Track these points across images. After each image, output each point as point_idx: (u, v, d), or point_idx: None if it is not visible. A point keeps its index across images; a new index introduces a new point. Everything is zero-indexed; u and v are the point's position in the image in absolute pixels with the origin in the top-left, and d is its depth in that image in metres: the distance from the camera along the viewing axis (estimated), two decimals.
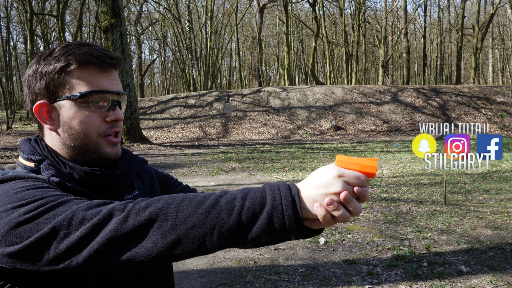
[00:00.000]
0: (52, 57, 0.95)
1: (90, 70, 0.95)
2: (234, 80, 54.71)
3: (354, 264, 4.17)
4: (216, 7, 37.82)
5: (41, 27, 30.72)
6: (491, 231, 5.07)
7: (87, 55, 0.94)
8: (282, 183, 0.79)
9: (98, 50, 0.96)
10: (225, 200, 0.76)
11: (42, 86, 0.95)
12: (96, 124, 0.96)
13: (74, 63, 0.94)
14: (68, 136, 0.96)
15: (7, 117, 26.32)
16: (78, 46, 0.96)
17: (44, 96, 0.96)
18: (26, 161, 0.97)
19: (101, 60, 0.95)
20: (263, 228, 0.75)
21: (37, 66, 0.96)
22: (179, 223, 0.74)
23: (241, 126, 19.19)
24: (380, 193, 7.24)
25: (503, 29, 43.84)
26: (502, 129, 18.05)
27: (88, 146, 0.97)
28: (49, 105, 0.96)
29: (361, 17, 31.22)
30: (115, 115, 0.98)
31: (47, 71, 0.95)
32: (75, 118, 0.95)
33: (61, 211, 0.78)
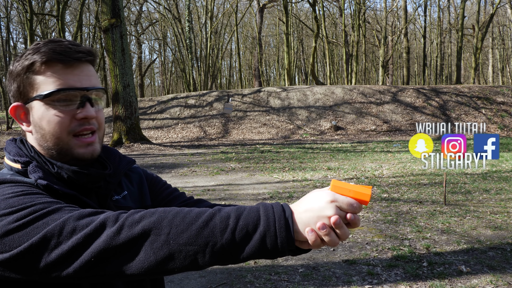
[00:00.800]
0: (24, 57, 0.94)
1: (54, 67, 0.92)
2: (234, 80, 54.72)
3: (354, 264, 4.17)
4: (216, 7, 37.83)
5: (41, 27, 30.72)
6: (491, 231, 5.07)
7: (50, 52, 0.91)
8: (276, 204, 0.79)
9: (63, 46, 0.93)
10: (219, 218, 0.76)
11: (15, 88, 0.94)
12: (65, 123, 0.93)
13: (38, 61, 0.91)
14: (40, 136, 0.94)
15: (7, 117, 26.32)
16: (45, 44, 0.93)
17: (18, 98, 0.95)
18: (13, 163, 0.94)
19: (65, 56, 0.92)
20: (256, 249, 0.75)
21: (11, 67, 0.95)
22: (172, 239, 0.74)
23: (241, 126, 19.19)
24: (380, 193, 7.24)
25: (503, 29, 43.84)
26: (502, 129, 18.05)
27: (60, 146, 0.94)
28: (23, 107, 0.95)
29: (361, 17, 31.22)
30: (84, 112, 0.94)
31: (18, 72, 0.93)
32: (43, 118, 0.92)
33: (52, 220, 0.76)
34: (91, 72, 0.97)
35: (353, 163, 10.71)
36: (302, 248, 0.87)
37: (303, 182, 8.34)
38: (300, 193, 7.40)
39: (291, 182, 8.43)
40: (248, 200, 7.00)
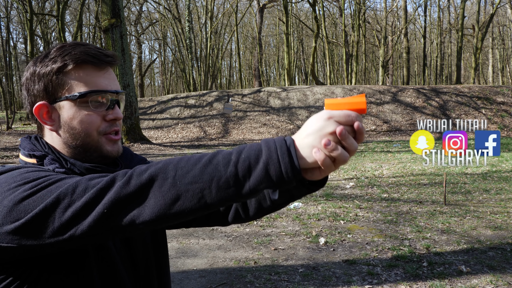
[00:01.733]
0: (48, 59, 0.96)
1: (87, 69, 0.96)
2: (234, 80, 54.72)
3: (354, 264, 4.17)
4: (216, 7, 37.83)
5: (41, 27, 30.72)
6: (491, 231, 5.07)
7: (83, 54, 0.95)
8: (278, 136, 0.80)
9: (93, 49, 0.97)
10: (222, 155, 0.77)
11: (41, 88, 0.96)
12: (96, 123, 0.97)
13: (70, 63, 0.94)
14: (69, 136, 0.97)
15: (7, 117, 26.32)
16: (73, 46, 0.97)
17: (43, 97, 0.97)
18: (28, 158, 0.97)
19: (97, 59, 0.96)
20: (260, 178, 0.74)
21: (34, 68, 0.97)
22: (178, 180, 0.76)
23: (241, 126, 19.19)
24: (380, 193, 7.24)
25: (503, 29, 43.84)
26: (502, 129, 18.04)
27: (90, 145, 0.98)
28: (49, 106, 0.97)
29: (361, 17, 31.21)
30: (114, 114, 0.99)
31: (44, 73, 0.95)
32: (75, 118, 0.96)
33: (64, 183, 0.79)
34: (115, 75, 1.03)
35: (353, 163, 10.71)
36: (315, 181, 0.87)
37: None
38: None
39: None
40: None
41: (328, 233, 5.16)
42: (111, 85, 0.99)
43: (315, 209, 6.31)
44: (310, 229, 5.33)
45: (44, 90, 0.96)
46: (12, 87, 35.01)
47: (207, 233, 5.27)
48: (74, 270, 0.89)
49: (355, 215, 5.93)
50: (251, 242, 4.90)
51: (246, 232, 5.29)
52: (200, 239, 5.06)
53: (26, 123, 32.09)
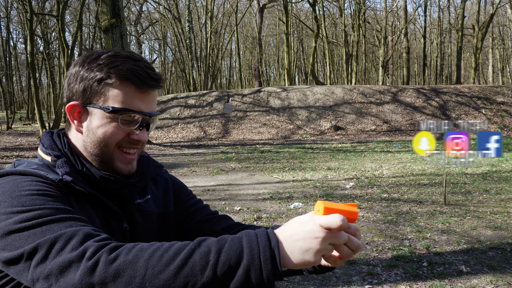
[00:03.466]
0: (96, 64, 0.96)
1: (128, 87, 0.96)
2: (234, 80, 54.71)
3: (354, 264, 4.17)
4: (216, 7, 37.82)
5: (41, 27, 30.71)
6: (491, 231, 5.07)
7: (129, 72, 0.95)
8: (261, 232, 0.75)
9: (141, 68, 0.96)
10: (199, 254, 0.72)
11: (80, 89, 0.97)
12: (118, 138, 0.97)
13: (114, 77, 0.95)
14: (90, 141, 0.98)
15: (7, 117, 26.31)
16: (123, 60, 0.96)
17: (79, 98, 0.98)
18: (45, 155, 0.99)
19: (141, 80, 0.96)
20: (240, 284, 0.71)
21: (80, 68, 0.98)
22: (148, 281, 0.70)
23: (241, 126, 19.19)
24: (380, 193, 7.24)
25: (503, 29, 43.84)
26: (502, 129, 18.05)
27: (105, 155, 0.98)
28: (82, 108, 0.98)
29: (361, 17, 31.21)
30: (140, 136, 0.99)
31: (87, 77, 0.96)
32: (101, 127, 0.96)
33: (49, 231, 0.78)
34: (155, 97, 1.02)
35: (353, 163, 10.71)
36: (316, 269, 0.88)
37: (303, 182, 8.34)
38: (300, 193, 7.40)
39: (291, 182, 8.43)
40: (248, 200, 7.00)
41: None
42: (147, 107, 0.98)
43: None
44: None
45: (82, 92, 0.97)
46: (12, 87, 35.02)
47: None
48: None
49: None
50: None
51: None
52: None
53: (26, 123, 32.08)
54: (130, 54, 0.98)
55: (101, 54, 0.98)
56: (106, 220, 0.99)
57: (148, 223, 1.07)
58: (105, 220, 0.98)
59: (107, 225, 0.99)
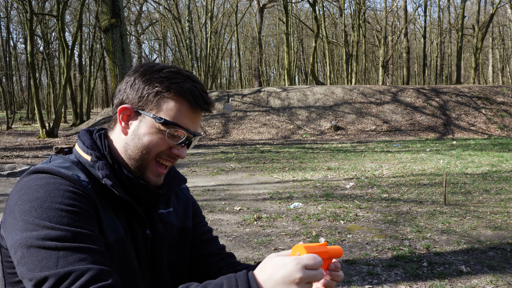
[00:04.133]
0: (158, 76, 1.00)
1: (182, 104, 1.00)
2: (234, 80, 54.72)
3: (354, 264, 4.17)
4: (216, 7, 37.82)
5: (41, 27, 30.71)
6: (491, 231, 5.07)
7: (187, 91, 0.99)
8: (241, 276, 0.79)
9: (198, 90, 1.01)
10: None
11: (136, 96, 1.01)
12: (160, 149, 1.01)
13: (173, 92, 0.99)
14: (133, 145, 1.01)
15: (7, 117, 26.31)
16: (184, 79, 1.01)
17: (133, 103, 1.01)
18: (84, 153, 1.01)
19: (197, 102, 1.00)
20: None
21: (142, 76, 1.01)
22: None
23: (241, 126, 19.19)
24: (380, 193, 7.24)
25: (503, 29, 43.84)
26: (502, 129, 18.05)
27: (142, 162, 1.02)
28: (134, 112, 1.02)
29: (361, 17, 31.21)
30: (180, 152, 1.03)
31: (146, 87, 1.00)
32: (148, 135, 1.00)
33: (64, 263, 0.84)
34: (201, 119, 1.07)
35: (353, 163, 10.71)
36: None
37: (303, 182, 8.34)
38: (300, 193, 7.40)
39: (291, 182, 8.43)
40: (248, 200, 7.00)
41: (328, 233, 5.16)
42: (193, 127, 1.03)
43: (315, 209, 6.31)
44: (310, 229, 5.33)
45: (138, 98, 1.01)
46: (12, 87, 35.01)
47: None
48: None
49: (355, 215, 5.93)
50: (251, 242, 4.90)
51: (246, 232, 5.29)
52: None
53: (26, 123, 32.08)
54: (190, 74, 1.03)
55: (164, 68, 1.02)
56: (130, 224, 1.03)
57: (169, 234, 1.12)
58: (129, 224, 1.02)
59: (131, 229, 1.03)
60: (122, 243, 0.97)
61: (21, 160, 12.28)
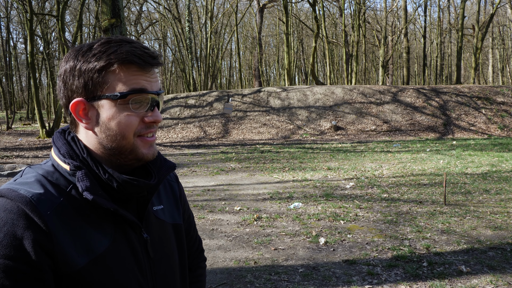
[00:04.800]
0: (91, 54, 0.91)
1: (130, 69, 0.92)
2: (234, 80, 54.71)
3: (354, 264, 4.17)
4: (216, 7, 37.82)
5: (41, 27, 30.71)
6: (491, 231, 5.07)
7: (129, 55, 0.91)
8: None
9: (139, 49, 0.93)
10: None
11: (81, 84, 0.92)
12: (134, 125, 0.93)
13: (115, 62, 0.90)
14: (105, 136, 0.93)
15: (7, 117, 26.31)
16: (119, 44, 0.92)
17: (82, 94, 0.92)
18: (62, 163, 0.93)
19: (143, 60, 0.92)
20: None
21: (75, 62, 0.92)
22: None
23: (241, 126, 19.19)
24: (380, 193, 7.24)
25: (503, 29, 43.83)
26: (502, 129, 18.04)
27: (125, 148, 0.94)
28: (86, 103, 0.92)
29: (361, 17, 31.21)
30: (154, 116, 0.95)
31: (86, 69, 0.91)
32: (114, 118, 0.92)
33: None
34: (157, 75, 0.98)
35: (353, 163, 10.71)
36: None
37: (303, 182, 8.34)
38: (300, 193, 7.40)
39: (291, 182, 8.43)
40: (248, 200, 7.00)
41: (328, 233, 5.15)
42: (152, 86, 0.94)
43: (315, 209, 6.31)
44: (310, 229, 5.33)
45: (84, 87, 0.91)
46: (12, 87, 35.01)
47: (207, 233, 5.27)
48: None
49: (355, 215, 5.93)
50: (251, 242, 4.90)
51: (246, 232, 5.29)
52: None
53: (26, 123, 32.08)
54: (122, 37, 0.94)
55: (93, 44, 0.93)
56: (124, 230, 0.95)
57: (165, 233, 1.06)
58: (123, 231, 0.94)
59: (126, 235, 0.95)
60: (104, 258, 0.89)
61: (21, 160, 12.28)
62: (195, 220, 5.88)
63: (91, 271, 0.87)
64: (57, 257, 0.84)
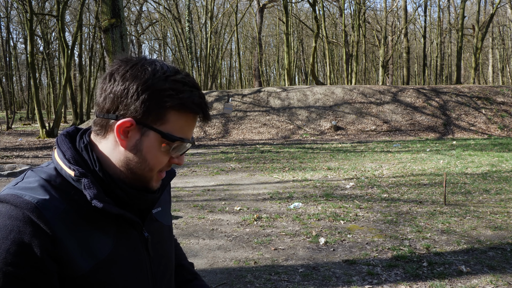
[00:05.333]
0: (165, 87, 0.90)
1: (189, 117, 0.93)
2: (234, 80, 54.72)
3: (354, 264, 4.17)
4: (216, 7, 37.82)
5: (41, 27, 30.71)
6: (491, 231, 5.07)
7: (198, 107, 0.92)
8: None
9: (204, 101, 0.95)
10: None
11: (140, 109, 0.90)
12: (163, 164, 0.95)
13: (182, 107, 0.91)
14: (136, 161, 0.92)
15: (7, 117, 26.31)
16: (191, 90, 0.92)
17: (135, 116, 0.90)
18: (67, 167, 0.91)
19: (205, 116, 0.95)
20: None
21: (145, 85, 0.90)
22: None
23: (241, 126, 19.19)
24: (380, 193, 7.24)
25: (503, 29, 43.84)
26: (502, 129, 18.04)
27: (144, 177, 0.95)
28: (135, 125, 0.91)
29: (361, 17, 31.21)
30: (180, 160, 0.97)
31: (154, 101, 0.90)
32: (152, 150, 0.92)
33: None
34: None
35: (353, 163, 10.71)
36: None
37: (303, 182, 8.34)
38: (300, 193, 7.40)
39: (291, 182, 8.43)
40: (248, 200, 7.00)
41: (328, 233, 5.16)
42: (192, 135, 0.97)
43: (315, 209, 6.31)
44: (310, 229, 5.33)
45: (143, 112, 0.90)
46: (12, 87, 35.02)
47: (207, 233, 5.27)
48: None
49: (355, 215, 5.93)
50: (251, 242, 4.90)
51: (246, 232, 5.29)
52: (200, 239, 5.06)
53: (26, 123, 32.08)
54: (194, 82, 0.94)
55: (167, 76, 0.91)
56: (126, 230, 0.95)
57: (162, 234, 1.08)
58: (125, 231, 0.95)
59: (127, 235, 0.95)
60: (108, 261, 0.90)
61: (21, 160, 12.28)
62: (196, 221, 5.89)
63: (95, 275, 0.88)
64: (63, 263, 0.84)
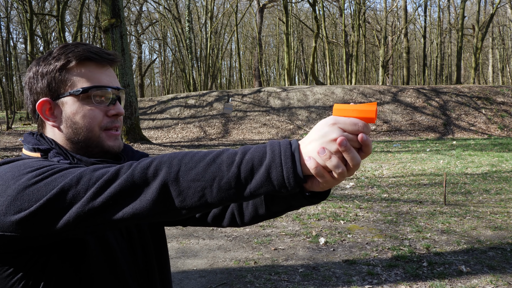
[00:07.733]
0: (51, 57, 0.98)
1: (89, 66, 0.98)
2: (234, 80, 54.72)
3: (354, 264, 4.17)
4: (216, 7, 37.82)
5: (41, 27, 30.72)
6: (491, 231, 5.07)
7: (85, 52, 0.97)
8: (284, 139, 0.78)
9: (95, 47, 1.00)
10: (227, 155, 0.76)
11: (44, 85, 0.97)
12: (98, 118, 0.98)
13: (73, 60, 0.97)
14: (72, 131, 0.98)
15: (7, 117, 26.32)
16: (75, 45, 0.99)
17: (46, 94, 0.98)
18: (32, 152, 0.97)
19: (100, 56, 0.98)
20: (261, 182, 0.73)
21: (37, 67, 0.99)
22: (182, 176, 0.75)
23: (241, 126, 19.19)
24: (380, 193, 7.24)
25: (503, 29, 43.84)
26: (502, 129, 18.04)
27: (91, 140, 0.99)
28: (52, 103, 0.98)
29: (361, 17, 31.21)
30: (116, 109, 1.01)
31: (47, 71, 0.97)
32: (78, 113, 0.97)
33: (69, 173, 0.80)
34: (115, 74, 1.06)
35: None
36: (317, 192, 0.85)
37: None
38: None
39: None
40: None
41: (328, 233, 5.15)
42: (112, 82, 1.01)
43: (315, 209, 6.31)
44: (310, 229, 5.33)
45: (47, 87, 0.97)
46: (12, 87, 35.01)
47: (207, 233, 5.27)
48: (75, 261, 0.88)
49: (355, 215, 5.93)
50: (251, 242, 4.90)
51: (246, 232, 5.29)
52: (200, 239, 5.06)
53: (26, 123, 32.08)
54: (78, 42, 1.02)
55: (52, 50, 1.00)
56: None
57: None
58: None
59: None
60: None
61: None
62: None
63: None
64: None
